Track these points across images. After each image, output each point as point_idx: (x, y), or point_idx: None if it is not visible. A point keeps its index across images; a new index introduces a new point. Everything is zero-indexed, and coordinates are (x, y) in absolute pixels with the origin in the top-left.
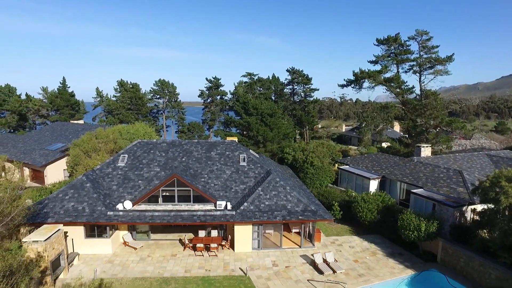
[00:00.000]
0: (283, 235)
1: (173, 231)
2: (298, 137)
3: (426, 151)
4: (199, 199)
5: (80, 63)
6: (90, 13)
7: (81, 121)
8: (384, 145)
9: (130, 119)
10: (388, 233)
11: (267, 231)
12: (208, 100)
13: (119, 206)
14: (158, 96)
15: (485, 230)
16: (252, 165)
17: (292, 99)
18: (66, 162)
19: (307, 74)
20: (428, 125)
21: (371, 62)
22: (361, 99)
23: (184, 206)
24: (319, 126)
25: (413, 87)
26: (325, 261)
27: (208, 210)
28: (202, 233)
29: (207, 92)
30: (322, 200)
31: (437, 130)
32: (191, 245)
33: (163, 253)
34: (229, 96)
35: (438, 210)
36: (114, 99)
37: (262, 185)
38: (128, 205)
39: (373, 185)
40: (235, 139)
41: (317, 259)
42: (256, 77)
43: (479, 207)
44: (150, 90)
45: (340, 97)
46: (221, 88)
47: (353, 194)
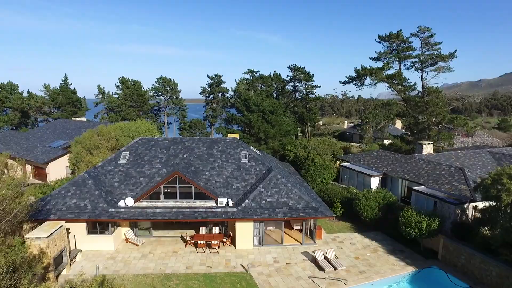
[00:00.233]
0: (284, 232)
1: (175, 228)
2: (300, 134)
3: (428, 148)
4: (201, 196)
5: (82, 60)
6: (91, 10)
7: (83, 118)
8: (386, 142)
9: (132, 116)
10: (389, 230)
11: (268, 228)
12: (210, 97)
13: (121, 203)
14: (160, 93)
15: (487, 228)
16: (254, 162)
17: (294, 96)
18: (68, 159)
19: (309, 71)
20: (430, 122)
21: (373, 59)
22: (363, 96)
23: (186, 203)
24: (321, 123)
25: (415, 84)
26: (326, 258)
27: (210, 207)
28: (204, 230)
29: (209, 89)
30: (324, 197)
31: (439, 127)
32: (193, 242)
33: (165, 250)
34: (231, 93)
35: (440, 208)
36: (116, 96)
37: (264, 182)
38: (130, 202)
39: (375, 182)
40: (237, 136)
41: (318, 256)
42: (258, 74)
43: (481, 205)
44: (152, 87)
45: (342, 94)
46: (223, 85)
47: (355, 191)
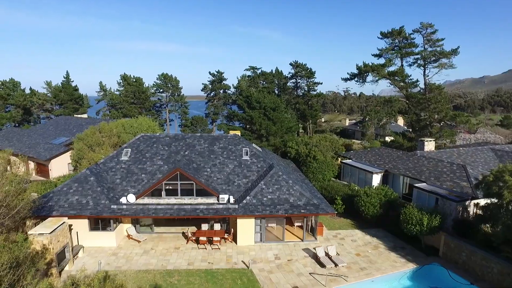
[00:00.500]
0: (286, 229)
1: (176, 225)
2: (301, 131)
3: (430, 145)
4: (202, 193)
5: (83, 57)
6: (93, 8)
7: (85, 115)
8: (388, 139)
9: (134, 113)
10: (391, 227)
11: (270, 225)
12: (211, 94)
13: (123, 200)
14: (161, 90)
15: (488, 225)
16: (255, 159)
17: (295, 93)
18: (70, 156)
19: (311, 68)
20: (432, 119)
21: (375, 56)
22: (365, 93)
23: (187, 200)
24: (323, 120)
25: (417, 81)
26: (327, 255)
27: (211, 204)
28: (205, 227)
29: (210, 86)
30: (325, 194)
31: (441, 124)
32: (194, 238)
33: (167, 246)
34: (232, 90)
35: (441, 205)
36: (118, 93)
37: (265, 179)
38: (132, 199)
39: (376, 179)
40: (238, 133)
41: (319, 253)
42: (259, 71)
43: (482, 202)
44: (153, 84)
45: (344, 91)
46: (224, 82)
47: (356, 188)
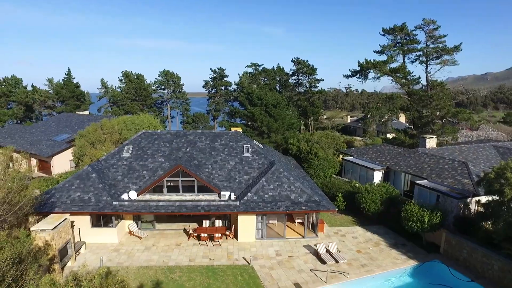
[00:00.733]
0: (287, 226)
1: (178, 221)
2: (303, 128)
3: (431, 142)
4: (203, 190)
5: (85, 54)
6: (94, 4)
7: (87, 112)
8: (389, 136)
9: (135, 110)
10: (392, 224)
11: (271, 221)
12: (213, 91)
13: (124, 196)
14: (163, 87)
15: (489, 222)
16: (256, 156)
17: (297, 90)
18: (72, 153)
19: (312, 65)
20: (434, 116)
21: (377, 52)
22: (367, 90)
23: (188, 196)
24: (324, 117)
25: (419, 78)
26: (328, 251)
27: (212, 200)
28: (206, 223)
29: (212, 83)
30: (326, 191)
31: (443, 121)
32: (195, 235)
33: (168, 243)
34: (234, 87)
35: (442, 202)
36: (119, 90)
37: (266, 176)
38: (133, 195)
39: (377, 176)
40: (239, 130)
41: (320, 249)
42: (261, 68)
43: (484, 199)
44: (155, 81)
45: (346, 88)
46: (226, 79)
47: (357, 185)
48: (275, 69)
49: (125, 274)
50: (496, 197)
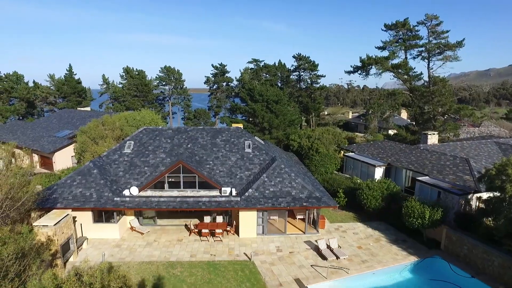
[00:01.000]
0: (288, 221)
1: (179, 217)
2: (304, 124)
3: (433, 139)
4: (205, 185)
5: (86, 50)
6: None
7: (88, 108)
8: (391, 132)
9: (136, 106)
10: (393, 220)
11: (272, 217)
12: (214, 87)
13: (126, 192)
14: (164, 83)
15: (490, 218)
16: (257, 152)
17: (298, 86)
18: (74, 149)
19: (314, 61)
20: (436, 113)
21: (379, 48)
22: (368, 86)
23: (190, 192)
24: (325, 113)
25: (421, 74)
26: (329, 247)
27: (213, 196)
28: (208, 219)
29: (213, 79)
30: (327, 187)
31: (445, 118)
32: (197, 231)
33: (169, 238)
34: (235, 83)
35: (444, 198)
36: (120, 86)
37: (267, 172)
38: (135, 191)
39: (379, 172)
40: (241, 126)
41: (321, 245)
42: (262, 64)
43: (485, 195)
44: (156, 77)
45: (347, 84)
46: (227, 75)
47: (358, 181)
48: (277, 65)
49: (127, 269)
50: (497, 194)
